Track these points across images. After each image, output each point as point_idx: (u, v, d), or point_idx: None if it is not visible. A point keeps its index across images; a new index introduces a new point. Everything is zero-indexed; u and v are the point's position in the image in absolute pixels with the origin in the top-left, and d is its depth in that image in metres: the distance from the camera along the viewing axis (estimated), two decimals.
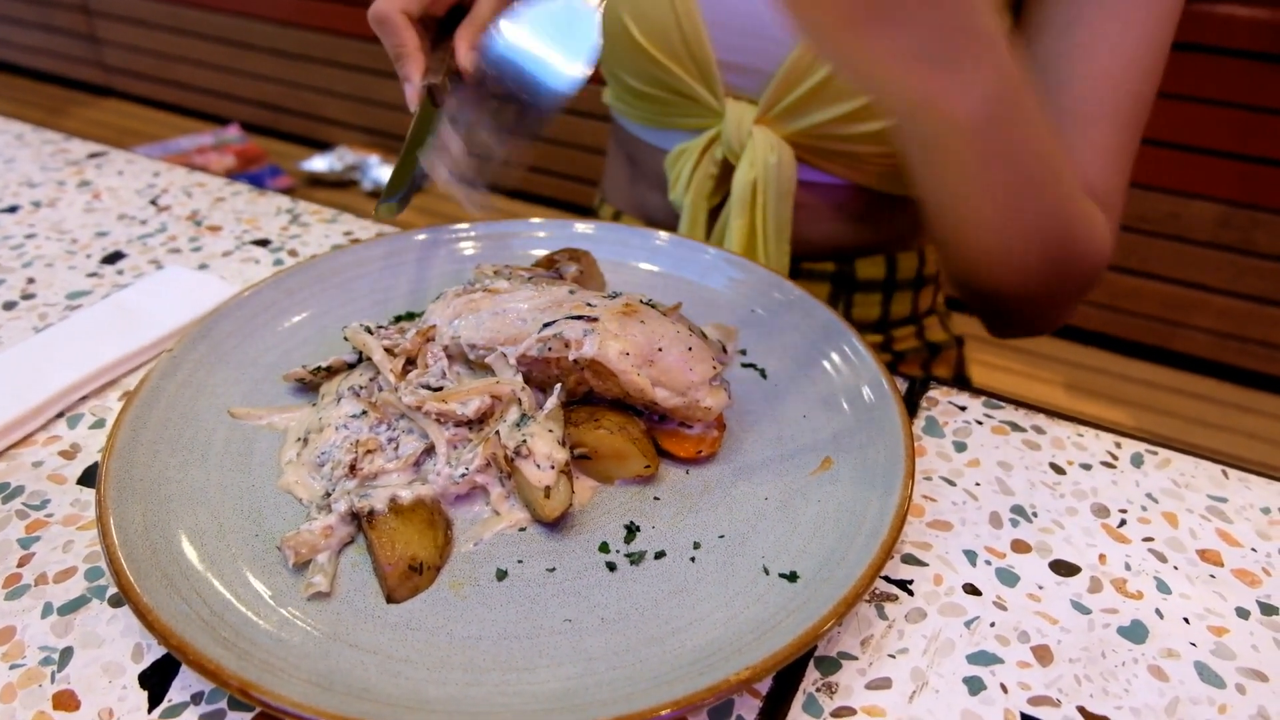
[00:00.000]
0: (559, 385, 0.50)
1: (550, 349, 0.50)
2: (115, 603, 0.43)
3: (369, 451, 0.49)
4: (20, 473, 0.51)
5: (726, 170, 0.78)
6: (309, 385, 0.55)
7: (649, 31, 0.75)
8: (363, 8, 0.60)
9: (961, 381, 0.97)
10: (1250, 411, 1.81)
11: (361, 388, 0.53)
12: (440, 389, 0.51)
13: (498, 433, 0.48)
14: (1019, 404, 0.59)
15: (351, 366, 0.56)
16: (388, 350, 0.54)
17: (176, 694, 0.39)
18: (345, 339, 0.56)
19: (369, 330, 0.55)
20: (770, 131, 0.75)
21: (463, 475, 0.47)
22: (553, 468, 0.45)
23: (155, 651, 0.41)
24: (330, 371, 0.56)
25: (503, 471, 0.47)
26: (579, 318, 0.50)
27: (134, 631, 0.42)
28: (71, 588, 0.44)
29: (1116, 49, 0.61)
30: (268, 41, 2.77)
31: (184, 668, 0.40)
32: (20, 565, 0.45)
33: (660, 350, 0.49)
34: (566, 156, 2.50)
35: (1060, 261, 0.59)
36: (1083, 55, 0.62)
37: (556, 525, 0.46)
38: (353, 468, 0.48)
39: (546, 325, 0.50)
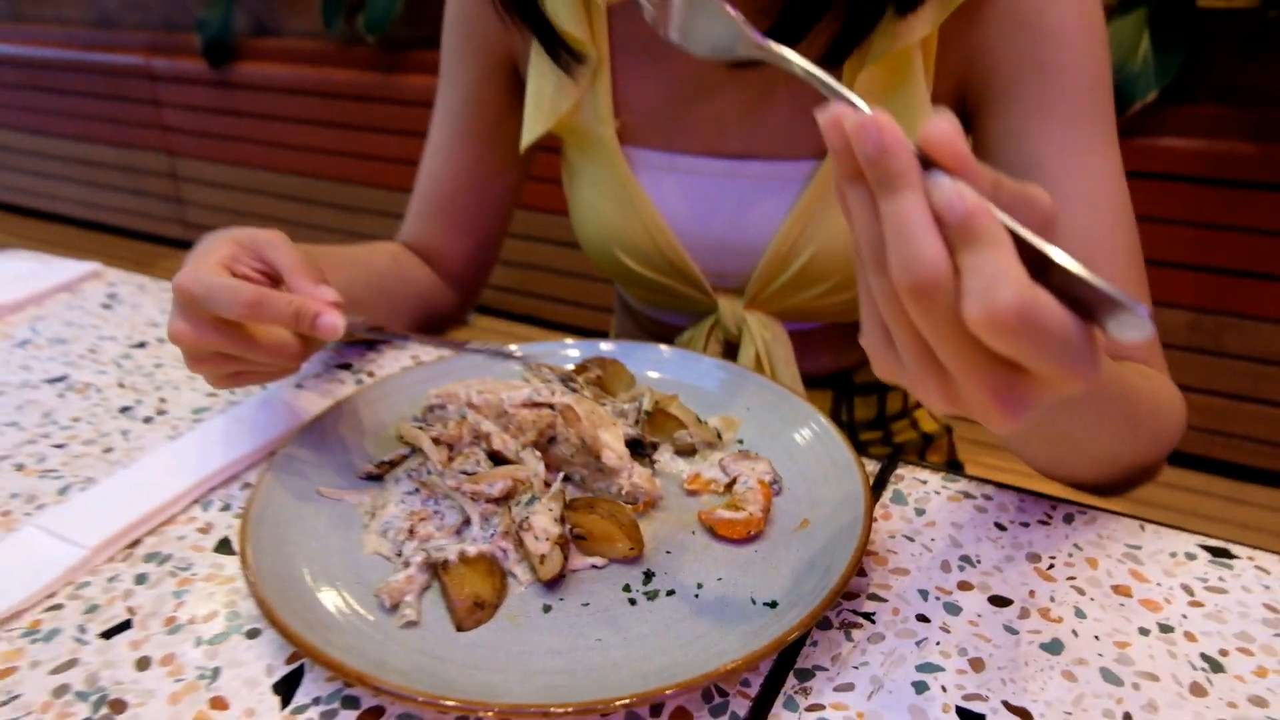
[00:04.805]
0: (560, 473, 0.64)
1: (539, 395, 0.67)
2: (250, 635, 0.56)
3: (422, 519, 0.63)
4: (169, 544, 0.65)
5: (731, 345, 0.90)
6: (376, 476, 0.69)
7: (637, 257, 0.86)
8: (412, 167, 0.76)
9: (955, 466, 1.07)
10: (1243, 504, 1.86)
11: (413, 471, 0.67)
12: (474, 474, 0.65)
13: (509, 509, 0.61)
14: (971, 478, 0.71)
15: (406, 457, 0.70)
16: (434, 440, 0.68)
17: (301, 698, 0.51)
18: (399, 436, 0.71)
19: (420, 427, 0.70)
20: (760, 314, 0.86)
21: (490, 537, 0.60)
22: (547, 540, 0.58)
23: (282, 669, 0.53)
24: (392, 464, 0.70)
25: (514, 540, 0.60)
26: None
27: (266, 655, 0.54)
28: (215, 625, 0.57)
29: (1106, 190, 0.66)
30: (328, 197, 3.09)
31: (305, 680, 0.52)
32: (175, 610, 0.58)
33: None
34: (580, 286, 2.73)
35: (1160, 454, 0.67)
36: (1082, 203, 0.66)
37: (554, 585, 0.57)
38: (411, 531, 0.62)
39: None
